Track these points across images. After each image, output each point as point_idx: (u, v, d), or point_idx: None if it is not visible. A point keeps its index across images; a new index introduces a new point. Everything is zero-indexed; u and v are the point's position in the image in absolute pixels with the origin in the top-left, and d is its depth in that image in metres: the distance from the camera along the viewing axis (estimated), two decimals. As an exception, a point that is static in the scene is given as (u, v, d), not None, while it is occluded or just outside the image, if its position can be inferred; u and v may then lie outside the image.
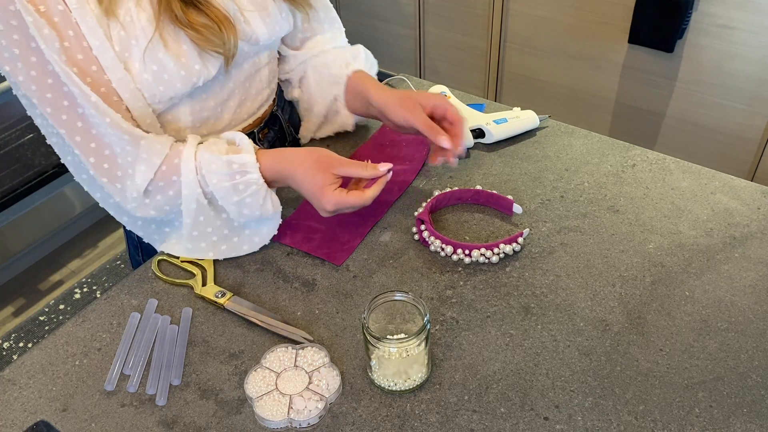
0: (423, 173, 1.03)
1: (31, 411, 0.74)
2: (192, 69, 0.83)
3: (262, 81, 0.98)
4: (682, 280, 0.84)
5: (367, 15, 2.50)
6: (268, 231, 0.89)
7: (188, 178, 0.81)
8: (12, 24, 0.71)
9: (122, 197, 0.82)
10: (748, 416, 0.69)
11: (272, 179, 0.85)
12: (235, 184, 0.82)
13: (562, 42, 2.08)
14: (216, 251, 0.88)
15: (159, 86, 0.81)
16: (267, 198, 0.85)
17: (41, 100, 0.75)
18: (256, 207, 0.84)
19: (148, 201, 0.82)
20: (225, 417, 0.72)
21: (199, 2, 0.82)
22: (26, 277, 2.14)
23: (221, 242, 0.88)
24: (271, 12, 0.91)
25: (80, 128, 0.78)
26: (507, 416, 0.70)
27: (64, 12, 0.73)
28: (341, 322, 0.81)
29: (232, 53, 0.86)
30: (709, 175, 1.00)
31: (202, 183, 0.82)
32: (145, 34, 0.79)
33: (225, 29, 0.84)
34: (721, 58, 1.83)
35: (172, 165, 0.81)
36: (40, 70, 0.74)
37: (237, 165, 0.81)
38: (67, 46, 0.74)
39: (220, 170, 0.81)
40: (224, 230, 0.87)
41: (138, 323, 0.82)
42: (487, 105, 1.15)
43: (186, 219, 0.84)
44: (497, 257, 0.87)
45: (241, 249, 0.89)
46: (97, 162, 0.80)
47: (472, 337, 0.78)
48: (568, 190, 0.99)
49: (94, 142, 0.79)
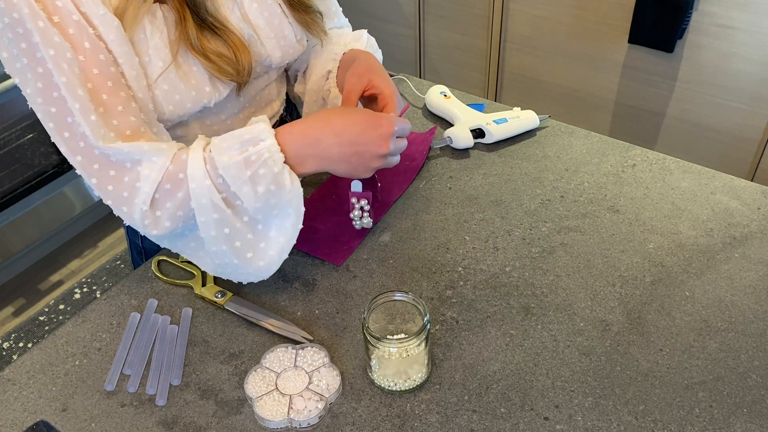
0: (423, 173, 1.03)
1: (31, 411, 0.74)
2: (203, 91, 0.82)
3: (271, 93, 0.98)
4: (682, 280, 0.84)
5: (367, 15, 2.50)
6: (293, 226, 0.78)
7: (194, 169, 0.72)
8: (18, 32, 0.68)
9: (131, 219, 0.76)
10: (748, 416, 0.69)
11: (299, 150, 0.76)
12: (247, 156, 0.72)
13: (562, 42, 2.08)
14: (243, 262, 0.77)
15: (168, 105, 0.80)
16: (283, 169, 0.74)
17: (45, 114, 0.72)
18: (270, 179, 0.73)
19: (159, 213, 0.74)
20: (225, 417, 0.72)
21: (215, 27, 0.81)
22: (26, 277, 2.14)
23: (246, 249, 0.77)
24: (287, 35, 0.91)
25: (82, 148, 0.72)
26: (507, 416, 0.70)
27: (80, 23, 0.70)
28: (341, 322, 0.81)
29: (245, 81, 0.85)
30: (709, 175, 1.00)
31: (213, 174, 0.73)
32: (158, 54, 0.77)
33: (240, 57, 0.82)
34: (721, 58, 1.83)
35: (179, 162, 0.74)
36: (46, 82, 0.70)
37: (249, 135, 0.73)
38: (81, 59, 0.70)
39: (232, 145, 0.73)
40: (248, 234, 0.76)
41: (138, 323, 0.82)
42: (487, 105, 1.15)
43: (200, 218, 0.74)
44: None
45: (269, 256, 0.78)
46: (101, 183, 0.74)
47: (472, 337, 0.78)
48: (568, 190, 0.98)
49: (98, 164, 0.73)
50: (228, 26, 0.83)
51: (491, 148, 1.08)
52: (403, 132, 0.81)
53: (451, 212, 0.96)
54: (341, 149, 0.77)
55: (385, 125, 0.78)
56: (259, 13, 0.87)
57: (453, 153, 1.07)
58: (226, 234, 0.75)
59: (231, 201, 0.74)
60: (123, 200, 0.74)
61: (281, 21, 0.90)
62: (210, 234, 0.75)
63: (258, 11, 0.87)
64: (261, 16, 0.87)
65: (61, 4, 0.69)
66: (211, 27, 0.81)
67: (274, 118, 1.00)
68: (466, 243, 0.91)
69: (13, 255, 2.08)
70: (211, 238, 0.75)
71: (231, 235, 0.75)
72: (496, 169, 1.03)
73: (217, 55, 0.80)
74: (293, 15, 0.91)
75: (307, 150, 0.76)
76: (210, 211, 0.73)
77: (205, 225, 0.74)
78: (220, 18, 0.82)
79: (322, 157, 0.77)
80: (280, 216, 0.77)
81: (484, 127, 1.06)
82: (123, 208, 0.75)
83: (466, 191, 0.99)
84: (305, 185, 1.01)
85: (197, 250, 0.80)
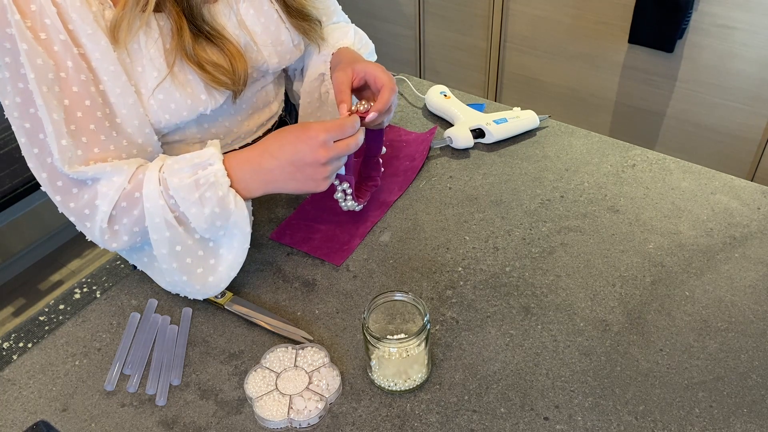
0: (423, 173, 1.03)
1: (31, 411, 0.74)
2: (198, 99, 0.82)
3: (269, 96, 0.98)
4: (682, 280, 0.84)
5: (367, 15, 2.50)
6: (240, 246, 0.81)
7: (149, 189, 0.75)
8: (5, 46, 0.69)
9: (92, 235, 0.79)
10: (748, 416, 0.69)
11: (245, 174, 0.78)
12: (196, 178, 0.75)
13: (562, 42, 2.08)
14: (193, 279, 0.80)
15: (165, 114, 0.80)
16: (228, 193, 0.77)
17: (19, 129, 0.73)
18: (215, 201, 0.75)
19: (117, 228, 0.78)
20: (225, 417, 0.72)
21: (211, 35, 0.81)
22: (26, 277, 2.13)
23: (197, 265, 0.80)
24: (284, 41, 0.90)
25: (49, 164, 0.75)
26: (507, 416, 0.70)
27: (65, 42, 0.71)
28: (341, 322, 0.81)
29: (241, 90, 0.85)
30: (709, 175, 1.00)
31: (165, 195, 0.75)
32: (153, 64, 0.77)
33: (236, 65, 0.82)
34: (721, 58, 1.83)
35: (136, 181, 0.76)
36: (25, 98, 0.71)
37: (199, 159, 0.76)
38: (63, 76, 0.72)
39: (183, 167, 0.76)
40: (198, 251, 0.79)
41: (138, 323, 0.82)
42: (487, 105, 1.15)
43: (153, 235, 0.76)
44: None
45: (219, 272, 0.81)
46: (64, 200, 0.77)
47: (472, 337, 0.78)
48: (568, 190, 0.98)
49: (61, 181, 0.76)
50: (224, 34, 0.83)
51: (491, 148, 1.08)
52: (342, 134, 0.79)
53: (451, 212, 0.96)
54: (283, 170, 0.78)
55: (314, 134, 0.77)
56: (256, 20, 0.87)
57: (453, 153, 1.07)
58: (178, 251, 0.78)
59: (182, 220, 0.77)
60: (85, 217, 0.78)
61: (278, 27, 0.89)
62: (162, 252, 0.77)
63: (255, 17, 0.87)
64: (258, 22, 0.87)
65: (49, 22, 0.70)
66: (207, 35, 0.81)
67: (272, 120, 1.00)
68: (466, 243, 0.91)
69: (13, 255, 2.08)
70: (162, 255, 0.78)
71: (182, 252, 0.78)
72: (496, 169, 1.03)
73: (213, 65, 0.81)
74: (290, 21, 0.91)
75: (252, 176, 0.78)
76: (163, 230, 0.76)
77: (158, 243, 0.77)
78: (217, 26, 0.82)
79: (268, 181, 0.79)
80: (227, 236, 0.80)
81: (484, 127, 1.06)
82: (86, 224, 0.78)
83: (466, 191, 0.99)
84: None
85: (150, 264, 0.84)
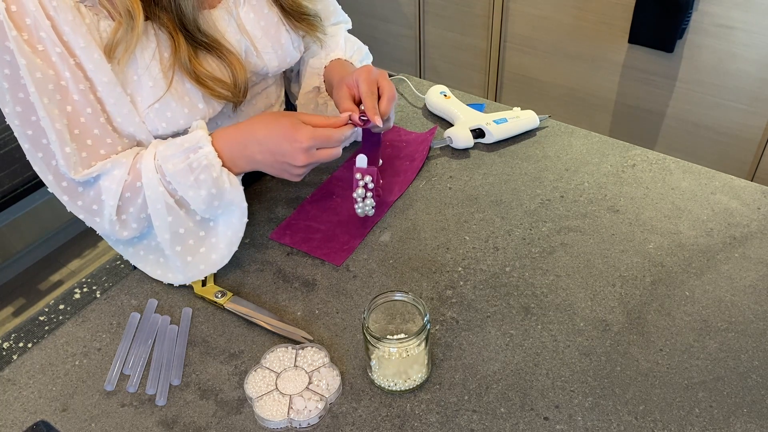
0: (423, 173, 1.03)
1: (31, 411, 0.74)
2: (196, 108, 0.82)
3: (270, 98, 0.98)
4: (682, 280, 0.84)
5: (367, 15, 2.50)
6: (239, 220, 0.83)
7: (148, 178, 0.78)
8: (5, 59, 0.70)
9: (102, 229, 0.81)
10: (748, 416, 0.69)
11: (232, 152, 0.80)
12: (189, 162, 0.77)
13: (562, 42, 2.08)
14: (198, 259, 0.83)
15: (162, 122, 0.81)
16: (221, 173, 0.79)
17: (21, 135, 0.75)
18: (210, 182, 0.78)
19: (125, 217, 0.80)
20: (225, 417, 0.72)
21: (209, 46, 0.81)
22: (26, 277, 2.13)
23: (199, 245, 0.83)
24: (284, 43, 0.90)
25: (54, 167, 0.77)
26: (507, 416, 0.70)
27: (62, 54, 0.72)
28: (341, 322, 0.81)
29: (241, 101, 0.86)
30: (709, 175, 1.00)
31: (164, 181, 0.78)
32: (150, 74, 0.78)
33: (236, 76, 0.83)
34: (721, 58, 1.83)
35: (135, 171, 0.79)
36: (26, 106, 0.73)
37: (189, 143, 0.78)
38: (63, 85, 0.73)
39: (175, 153, 0.78)
40: (200, 231, 0.83)
41: (138, 323, 0.82)
42: (487, 105, 1.15)
43: (155, 221, 0.79)
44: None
45: (220, 249, 0.85)
46: (71, 200, 0.79)
47: (472, 337, 0.78)
48: (568, 190, 0.98)
49: (66, 182, 0.78)
50: (224, 43, 0.83)
51: (491, 148, 1.08)
52: (328, 144, 0.80)
53: (451, 212, 0.96)
54: (264, 156, 0.80)
55: (300, 140, 0.78)
56: (256, 23, 0.87)
57: (453, 153, 1.07)
58: (181, 234, 0.81)
59: (182, 203, 0.80)
60: (94, 212, 0.80)
61: (278, 29, 0.89)
62: (165, 237, 0.80)
63: (255, 21, 0.87)
64: (258, 26, 0.87)
65: (45, 35, 0.71)
66: (206, 46, 0.81)
67: None
68: (466, 243, 0.91)
69: (13, 255, 2.08)
70: (166, 240, 0.81)
71: (185, 235, 0.81)
72: (496, 169, 1.03)
73: (213, 79, 0.81)
74: (290, 22, 0.91)
75: (238, 152, 0.80)
76: (165, 215, 0.79)
77: (161, 228, 0.80)
78: (216, 34, 0.82)
79: (250, 158, 0.81)
80: (226, 213, 0.83)
81: (484, 127, 1.06)
82: (96, 219, 0.80)
83: (466, 191, 0.99)
84: (305, 185, 1.01)
85: (146, 257, 0.86)
